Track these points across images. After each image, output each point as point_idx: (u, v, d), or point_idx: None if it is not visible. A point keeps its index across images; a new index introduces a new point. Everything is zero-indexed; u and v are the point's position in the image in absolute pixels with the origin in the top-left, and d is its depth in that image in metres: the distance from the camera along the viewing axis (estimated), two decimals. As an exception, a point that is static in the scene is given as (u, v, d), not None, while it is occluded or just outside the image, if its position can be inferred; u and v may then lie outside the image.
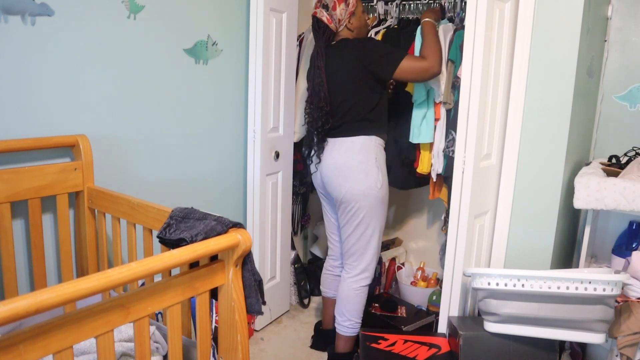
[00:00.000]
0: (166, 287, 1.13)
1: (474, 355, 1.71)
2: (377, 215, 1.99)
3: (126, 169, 1.95)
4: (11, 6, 1.53)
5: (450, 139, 2.11)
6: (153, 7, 1.94)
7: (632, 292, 1.72)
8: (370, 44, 1.97)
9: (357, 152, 1.96)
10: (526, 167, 1.93)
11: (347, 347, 2.09)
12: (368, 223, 1.98)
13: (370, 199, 1.95)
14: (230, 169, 2.42)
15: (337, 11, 1.99)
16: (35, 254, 1.64)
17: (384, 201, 2.00)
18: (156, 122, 2.04)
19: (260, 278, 1.33)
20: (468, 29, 1.75)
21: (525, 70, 1.88)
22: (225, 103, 2.33)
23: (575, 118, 1.90)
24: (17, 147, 1.56)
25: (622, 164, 2.06)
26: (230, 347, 1.28)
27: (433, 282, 2.65)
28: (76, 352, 1.30)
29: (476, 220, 1.92)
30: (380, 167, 1.98)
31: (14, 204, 1.58)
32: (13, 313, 0.80)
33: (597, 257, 2.28)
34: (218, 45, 2.24)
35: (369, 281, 2.07)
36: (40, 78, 1.64)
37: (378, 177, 1.96)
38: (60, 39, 1.67)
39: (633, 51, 2.22)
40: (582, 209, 1.83)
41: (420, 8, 2.42)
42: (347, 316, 2.06)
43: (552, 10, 1.81)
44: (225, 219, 1.26)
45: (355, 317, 2.06)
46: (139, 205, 1.53)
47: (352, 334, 2.07)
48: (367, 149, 1.96)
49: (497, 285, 1.66)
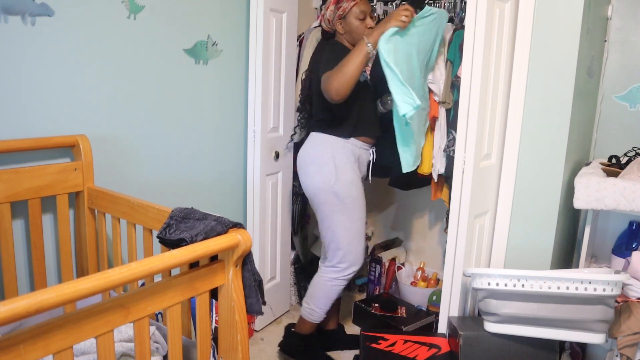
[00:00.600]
0: (166, 287, 1.13)
1: (474, 355, 1.71)
2: (338, 210, 1.98)
3: (126, 169, 1.95)
4: (11, 6, 1.53)
5: (451, 139, 2.11)
6: (153, 7, 1.94)
7: (632, 292, 1.72)
8: (326, 49, 2.00)
9: (313, 146, 2.02)
10: (526, 167, 1.93)
11: (304, 329, 2.14)
12: (329, 218, 2.00)
13: (325, 194, 1.97)
14: (230, 169, 2.42)
15: (328, 12, 2.04)
16: (35, 254, 1.64)
17: (343, 198, 1.97)
18: (156, 122, 2.04)
19: (260, 278, 1.33)
20: (468, 29, 1.75)
21: (525, 70, 1.88)
22: (225, 103, 2.33)
23: (575, 118, 1.90)
24: (17, 147, 1.56)
25: (622, 164, 2.06)
26: (230, 347, 1.28)
27: (433, 282, 2.65)
28: (76, 352, 1.30)
29: (476, 220, 1.92)
30: (338, 165, 1.96)
31: (14, 204, 1.58)
32: (13, 313, 0.80)
33: (597, 257, 2.28)
34: (218, 46, 2.24)
35: (339, 277, 2.05)
36: (40, 78, 1.64)
37: (332, 172, 1.95)
38: (60, 39, 1.67)
39: (633, 51, 2.22)
40: (582, 209, 1.83)
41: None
42: (308, 300, 2.11)
43: (552, 10, 1.81)
44: (225, 219, 1.26)
45: (315, 305, 2.09)
46: (139, 205, 1.53)
47: (309, 319, 2.11)
48: (324, 145, 1.99)
49: (497, 286, 1.66)
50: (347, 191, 1.97)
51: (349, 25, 2.01)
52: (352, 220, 2.00)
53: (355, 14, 1.99)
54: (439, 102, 2.13)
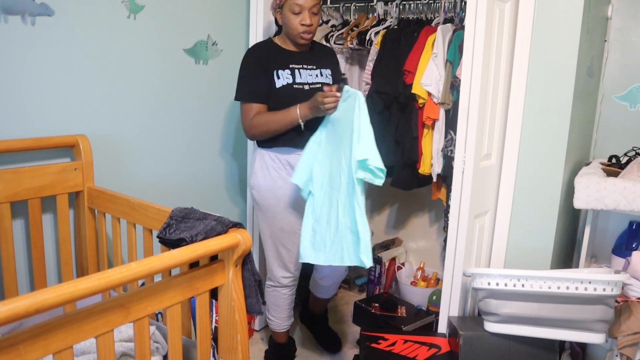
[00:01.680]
0: (166, 287, 1.13)
1: (474, 355, 1.71)
2: (259, 217, 1.94)
3: (126, 169, 1.95)
4: (11, 6, 1.53)
5: (449, 139, 2.11)
6: (153, 7, 1.94)
7: (632, 292, 1.72)
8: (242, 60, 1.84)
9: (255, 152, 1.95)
10: (526, 167, 1.93)
11: (274, 337, 2.12)
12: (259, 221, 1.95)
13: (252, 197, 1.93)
14: (230, 168, 2.42)
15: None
16: (35, 254, 1.64)
17: (259, 206, 1.89)
18: (156, 122, 2.04)
19: (260, 278, 1.33)
20: (468, 29, 1.75)
21: (525, 70, 1.88)
22: (225, 103, 2.33)
23: (575, 118, 1.90)
24: (17, 147, 1.56)
25: (622, 164, 2.06)
26: (230, 347, 1.28)
27: (433, 282, 2.65)
28: (76, 352, 1.30)
29: (476, 220, 1.92)
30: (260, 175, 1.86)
31: (14, 204, 1.58)
32: (13, 313, 0.80)
33: (597, 257, 2.28)
34: (218, 45, 2.24)
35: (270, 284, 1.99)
36: (40, 78, 1.64)
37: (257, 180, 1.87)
38: (60, 39, 1.67)
39: (633, 51, 2.22)
40: (582, 209, 1.83)
41: (421, 8, 2.42)
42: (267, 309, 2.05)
43: (552, 11, 1.81)
44: (225, 218, 1.26)
45: (269, 313, 2.05)
46: (139, 205, 1.53)
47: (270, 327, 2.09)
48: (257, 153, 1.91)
49: (497, 285, 1.66)
50: (262, 200, 1.88)
51: (284, 18, 1.78)
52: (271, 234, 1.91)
53: (290, 6, 1.74)
54: (438, 103, 2.13)
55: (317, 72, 1.89)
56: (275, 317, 2.04)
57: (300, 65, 1.85)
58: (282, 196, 1.86)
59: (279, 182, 1.85)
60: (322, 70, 1.91)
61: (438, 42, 2.10)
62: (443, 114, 2.15)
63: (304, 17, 1.74)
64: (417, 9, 2.43)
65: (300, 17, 1.74)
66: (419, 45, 2.19)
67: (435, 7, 2.36)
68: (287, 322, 2.06)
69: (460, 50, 1.98)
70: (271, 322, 2.07)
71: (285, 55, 1.84)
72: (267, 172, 1.86)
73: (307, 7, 1.73)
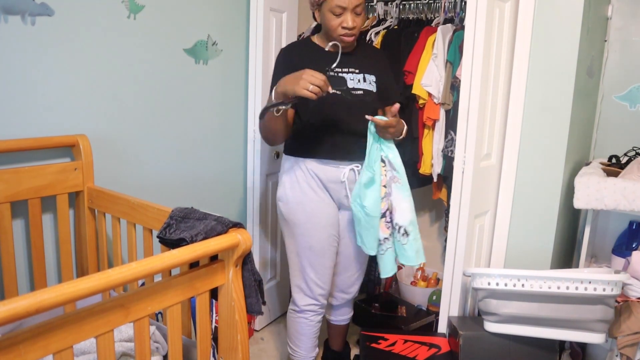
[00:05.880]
0: (166, 287, 1.13)
1: (474, 355, 1.71)
2: (285, 232, 1.78)
3: (126, 169, 1.95)
4: (11, 6, 1.53)
5: (449, 139, 2.11)
6: (153, 7, 1.94)
7: (632, 292, 1.72)
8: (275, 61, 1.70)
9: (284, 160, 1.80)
10: (526, 167, 1.93)
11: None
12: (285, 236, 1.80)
13: (278, 209, 1.78)
14: (230, 168, 2.42)
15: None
16: (35, 254, 1.64)
17: (286, 220, 1.74)
18: (156, 122, 2.04)
19: (260, 278, 1.33)
20: (468, 29, 1.75)
21: (525, 70, 1.88)
22: (225, 103, 2.33)
23: (575, 118, 1.90)
24: (17, 147, 1.56)
25: (622, 164, 2.06)
26: (230, 347, 1.28)
27: (433, 281, 2.65)
28: (76, 352, 1.30)
29: (476, 220, 1.92)
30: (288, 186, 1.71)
31: (14, 204, 1.58)
32: (13, 313, 0.80)
33: (597, 257, 2.28)
34: (218, 45, 2.24)
35: (292, 308, 1.87)
36: (40, 78, 1.64)
37: (284, 191, 1.73)
38: (60, 39, 1.67)
39: (633, 51, 2.22)
40: (582, 209, 1.83)
41: (421, 8, 2.42)
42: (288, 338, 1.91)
43: (552, 10, 1.81)
44: (225, 218, 1.26)
45: (290, 341, 1.91)
46: (139, 205, 1.53)
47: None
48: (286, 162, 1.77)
49: (497, 285, 1.66)
50: (290, 213, 1.72)
51: (323, 17, 1.61)
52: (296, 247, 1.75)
53: (329, 7, 1.56)
54: (438, 104, 2.13)
55: (360, 76, 1.68)
56: (299, 347, 1.86)
57: (339, 69, 1.65)
58: (312, 211, 1.69)
59: (310, 194, 1.68)
60: (365, 75, 1.69)
61: (438, 42, 2.11)
62: (443, 114, 2.15)
63: (346, 18, 1.56)
64: (417, 9, 2.44)
65: (341, 19, 1.56)
66: (419, 45, 2.20)
67: (435, 7, 2.36)
68: (312, 352, 1.88)
69: (460, 50, 1.98)
70: (294, 354, 1.88)
71: (324, 56, 1.66)
72: (296, 183, 1.69)
73: (350, 8, 1.55)
